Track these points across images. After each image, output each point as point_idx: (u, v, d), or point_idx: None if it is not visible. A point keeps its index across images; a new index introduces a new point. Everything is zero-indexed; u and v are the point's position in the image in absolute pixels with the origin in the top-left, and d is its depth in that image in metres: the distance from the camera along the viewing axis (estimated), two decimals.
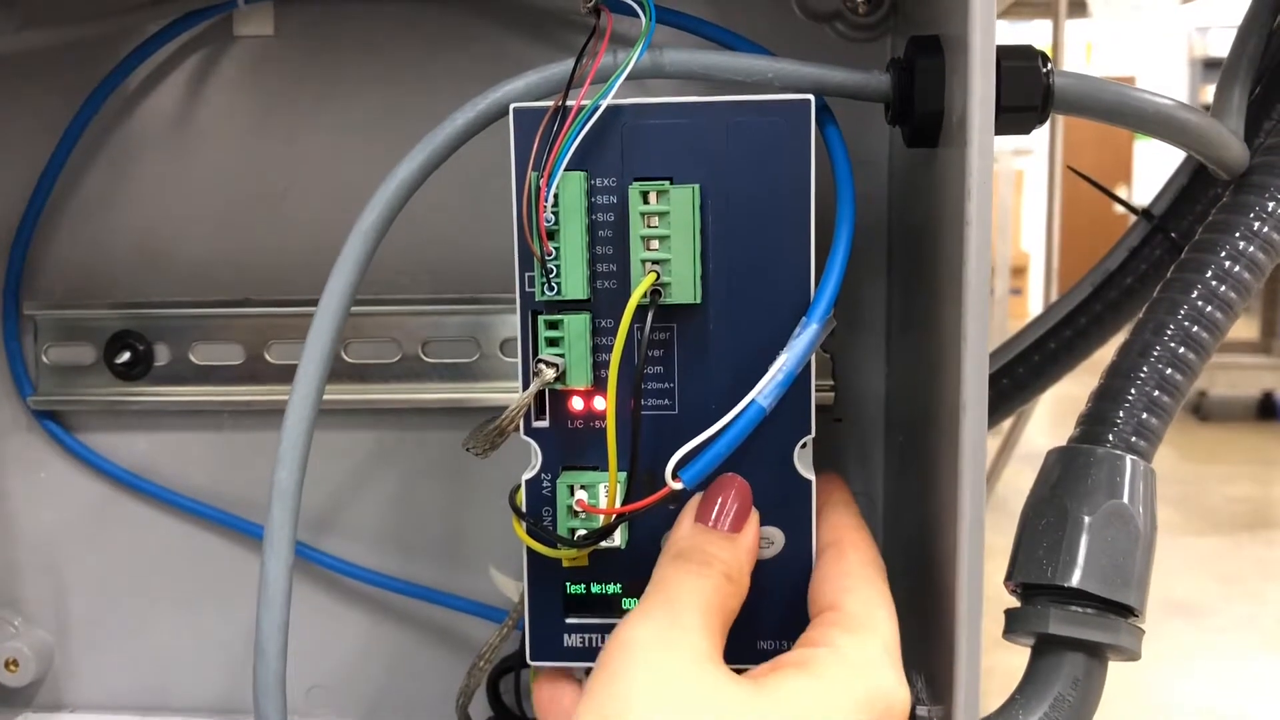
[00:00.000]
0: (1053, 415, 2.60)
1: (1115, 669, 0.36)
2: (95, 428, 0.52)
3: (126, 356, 0.50)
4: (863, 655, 0.32)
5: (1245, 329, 3.63)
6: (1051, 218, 1.78)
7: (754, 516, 0.34)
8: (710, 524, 0.34)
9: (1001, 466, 1.67)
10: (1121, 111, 0.36)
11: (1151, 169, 4.37)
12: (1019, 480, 0.39)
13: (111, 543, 0.53)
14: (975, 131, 0.31)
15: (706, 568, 0.33)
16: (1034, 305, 4.05)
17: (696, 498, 0.35)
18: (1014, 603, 0.37)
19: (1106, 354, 0.40)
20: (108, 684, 0.54)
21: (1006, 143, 3.20)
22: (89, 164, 0.51)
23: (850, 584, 0.34)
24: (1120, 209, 0.52)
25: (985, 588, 0.33)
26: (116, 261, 0.51)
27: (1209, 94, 0.42)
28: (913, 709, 0.34)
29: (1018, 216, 4.00)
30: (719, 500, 0.34)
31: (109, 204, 0.51)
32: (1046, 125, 0.36)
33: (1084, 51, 4.34)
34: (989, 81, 0.31)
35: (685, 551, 0.33)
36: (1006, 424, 1.64)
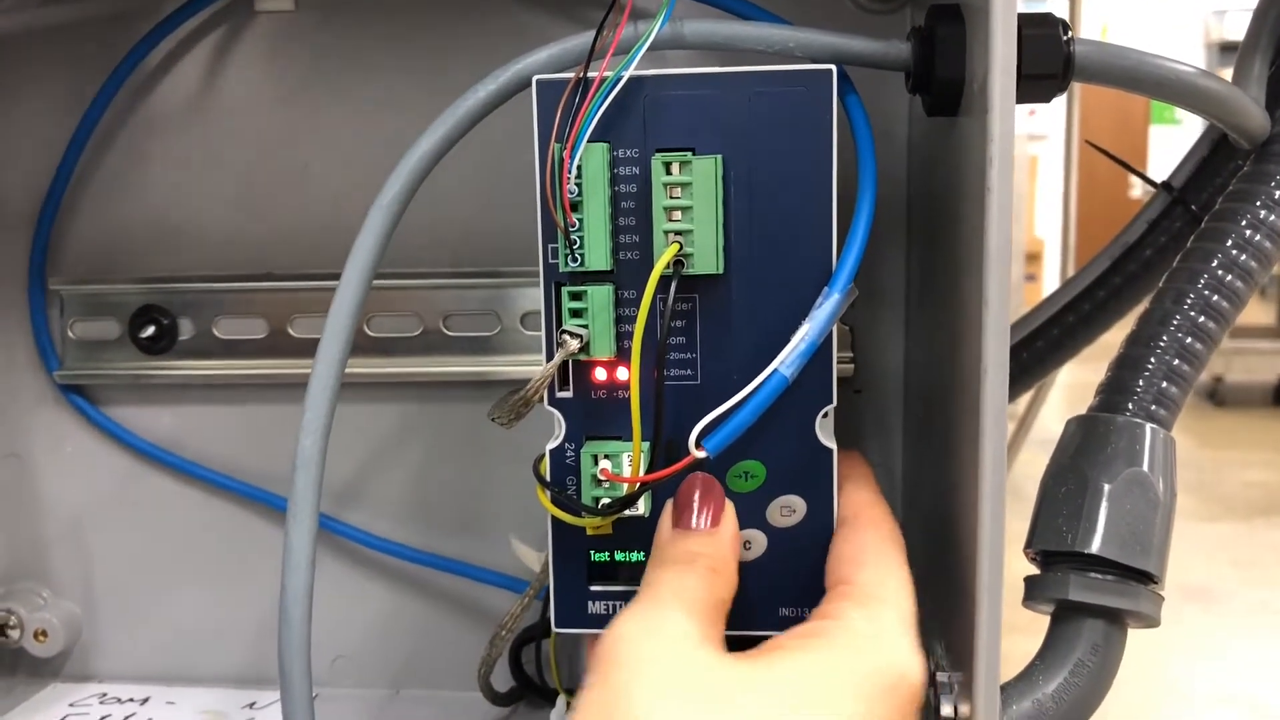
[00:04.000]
0: (1068, 401, 2.59)
1: (1132, 654, 0.37)
2: (120, 401, 0.53)
3: (151, 331, 0.51)
4: (873, 627, 0.32)
5: (1262, 314, 3.60)
6: (1068, 202, 1.77)
7: (730, 508, 0.35)
8: (687, 525, 0.34)
9: (1017, 451, 1.66)
10: (1142, 78, 0.36)
11: (1167, 154, 4.34)
12: (1034, 466, 0.39)
13: (137, 515, 0.53)
14: (996, 98, 0.31)
15: (690, 565, 0.33)
16: (1049, 291, 4.03)
17: (669, 505, 0.35)
18: (1034, 572, 0.37)
19: (1124, 334, 0.40)
20: (134, 654, 0.54)
21: (1021, 127, 3.18)
22: (112, 140, 0.51)
23: (865, 558, 0.34)
24: (1137, 194, 0.52)
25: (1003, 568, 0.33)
26: (140, 237, 0.52)
27: (1226, 78, 0.42)
28: (933, 675, 0.34)
29: (1032, 202, 3.98)
30: (691, 501, 0.34)
31: (132, 180, 0.51)
32: (1063, 110, 0.36)
33: (1100, 33, 4.31)
34: (1010, 48, 0.31)
35: (667, 556, 0.34)
36: (1022, 407, 1.63)
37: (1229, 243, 0.37)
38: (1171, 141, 4.38)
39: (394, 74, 0.49)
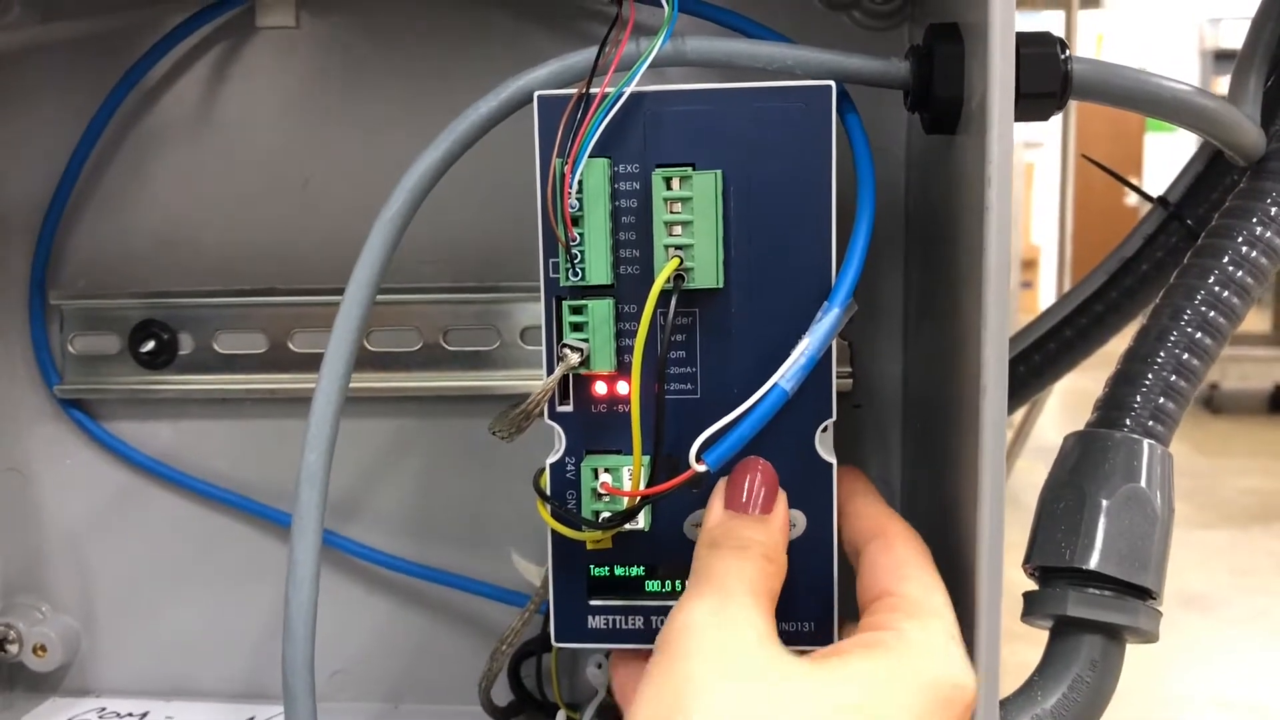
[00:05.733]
0: (1066, 409, 2.60)
1: (1129, 662, 0.37)
2: (120, 416, 0.53)
3: (151, 345, 0.51)
4: (927, 638, 0.32)
5: (1257, 321, 3.61)
6: (1064, 210, 1.77)
7: (782, 496, 0.35)
8: (740, 509, 0.34)
9: (1014, 459, 1.67)
10: (1139, 97, 0.36)
11: (1162, 162, 4.35)
12: (1032, 474, 0.39)
13: (136, 530, 0.53)
14: (995, 117, 0.31)
15: (745, 551, 0.33)
16: (1045, 299, 4.04)
17: (722, 483, 0.35)
18: (1032, 586, 0.37)
19: (1120, 345, 0.40)
20: (133, 669, 0.54)
21: (1017, 135, 3.18)
22: (113, 155, 0.51)
23: (906, 571, 0.34)
24: (1132, 201, 0.52)
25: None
26: (141, 251, 0.52)
27: (1221, 85, 0.42)
28: None
29: (1028, 210, 3.99)
30: (746, 484, 0.34)
31: (133, 195, 0.51)
32: (1058, 118, 0.36)
33: (1095, 43, 4.32)
34: (1009, 67, 0.31)
35: (720, 539, 0.33)
36: (1019, 417, 1.64)
37: (1226, 259, 0.38)
38: (1167, 149, 4.39)
39: (396, 90, 0.50)
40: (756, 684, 0.29)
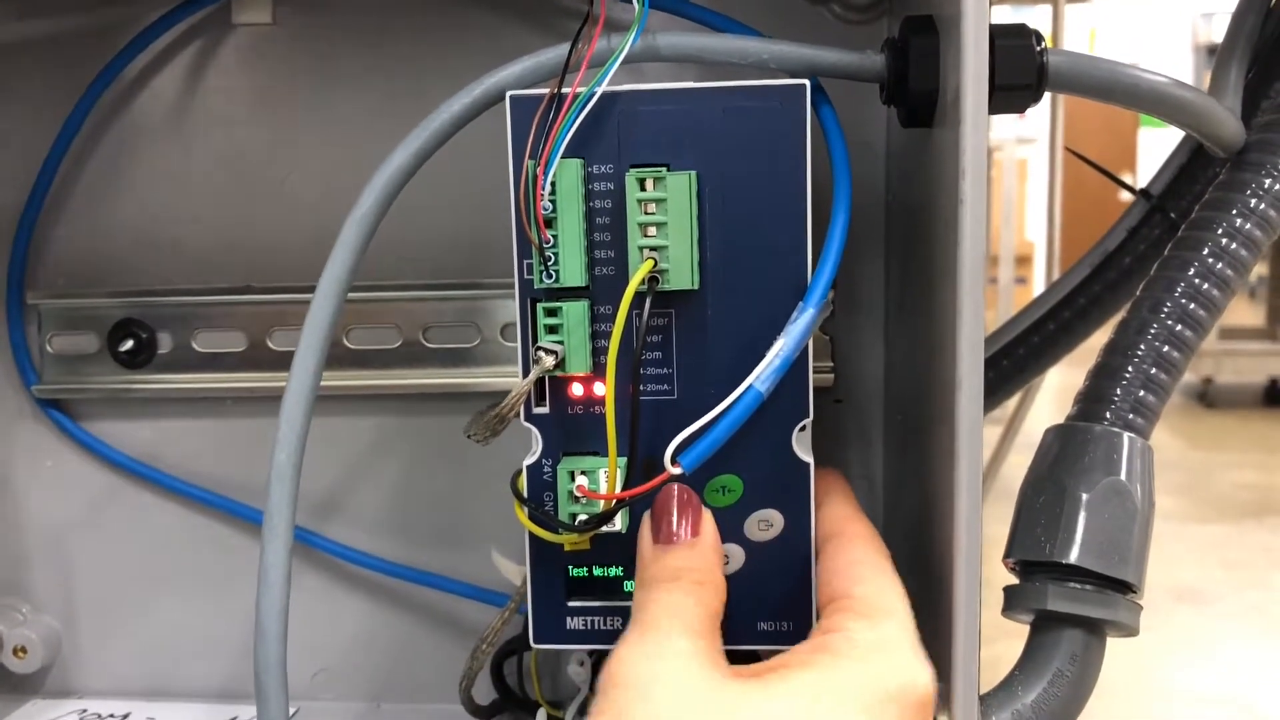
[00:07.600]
0: (1058, 403, 2.60)
1: (1123, 656, 0.36)
2: (100, 416, 0.52)
3: (130, 345, 0.51)
4: (876, 637, 0.32)
5: (1251, 315, 3.61)
6: (1053, 205, 1.77)
7: (707, 515, 0.35)
8: (667, 540, 0.34)
9: (1005, 454, 1.66)
10: (1116, 89, 0.36)
11: (1156, 156, 4.36)
12: (1023, 469, 0.39)
13: (117, 530, 0.53)
14: (969, 110, 0.31)
15: (675, 583, 0.33)
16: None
17: (646, 522, 0.35)
18: (1014, 581, 0.37)
19: (1106, 337, 0.40)
20: (114, 669, 0.54)
21: (1010, 131, 3.18)
22: (90, 153, 0.51)
23: (860, 572, 0.34)
24: (1125, 196, 0.52)
25: (990, 574, 0.33)
26: (119, 250, 0.51)
27: None
28: None
29: (1022, 205, 3.99)
30: (667, 514, 0.34)
31: (110, 193, 0.51)
32: (1047, 112, 0.36)
33: (1088, 38, 4.32)
34: (982, 60, 0.31)
35: (651, 575, 0.34)
36: (1009, 411, 1.63)
37: (1205, 251, 0.37)
38: (1162, 145, 4.39)
39: (372, 86, 0.49)
40: (695, 713, 0.29)
